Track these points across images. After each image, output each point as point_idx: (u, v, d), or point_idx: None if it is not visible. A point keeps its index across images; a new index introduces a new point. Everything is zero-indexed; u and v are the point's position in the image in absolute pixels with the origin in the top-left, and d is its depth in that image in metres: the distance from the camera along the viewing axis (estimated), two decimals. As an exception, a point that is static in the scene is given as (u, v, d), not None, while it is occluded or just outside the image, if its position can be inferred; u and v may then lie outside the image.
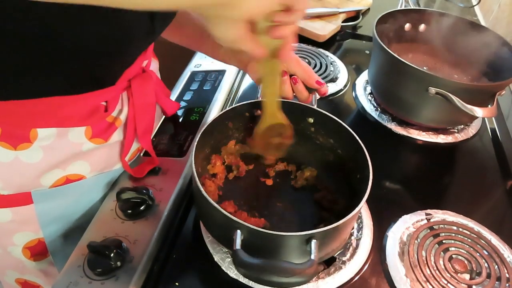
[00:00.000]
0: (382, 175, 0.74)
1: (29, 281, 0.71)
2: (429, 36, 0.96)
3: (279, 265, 0.46)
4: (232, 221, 0.49)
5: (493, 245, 0.64)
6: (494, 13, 1.19)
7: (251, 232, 0.49)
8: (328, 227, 0.50)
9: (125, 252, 0.56)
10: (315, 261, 0.47)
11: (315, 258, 0.47)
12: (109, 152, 0.64)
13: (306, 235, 0.49)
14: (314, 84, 0.69)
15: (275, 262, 0.47)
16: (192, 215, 0.66)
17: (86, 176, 0.63)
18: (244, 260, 0.46)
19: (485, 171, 0.81)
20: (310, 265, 0.46)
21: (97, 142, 0.61)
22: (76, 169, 0.61)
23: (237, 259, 0.46)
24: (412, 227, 0.66)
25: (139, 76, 0.64)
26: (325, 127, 0.68)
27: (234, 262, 0.46)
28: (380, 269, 0.61)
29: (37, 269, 0.68)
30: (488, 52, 0.87)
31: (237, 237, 0.48)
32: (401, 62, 0.77)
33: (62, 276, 0.54)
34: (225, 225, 0.51)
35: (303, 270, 0.45)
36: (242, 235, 0.49)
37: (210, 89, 0.87)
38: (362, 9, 1.21)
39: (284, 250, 0.51)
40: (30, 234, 0.64)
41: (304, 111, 0.68)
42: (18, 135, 0.55)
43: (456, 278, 0.59)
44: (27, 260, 0.67)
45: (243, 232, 0.49)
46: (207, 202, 0.51)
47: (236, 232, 0.49)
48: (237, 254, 0.46)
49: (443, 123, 0.86)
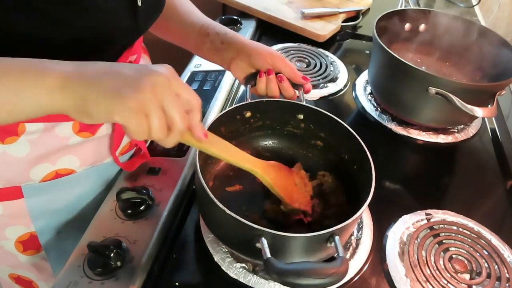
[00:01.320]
0: (382, 175, 0.74)
1: (22, 276, 0.71)
2: (429, 36, 0.96)
3: (314, 267, 0.45)
4: (254, 229, 0.48)
5: (493, 245, 0.64)
6: (494, 13, 1.19)
7: (274, 238, 0.48)
8: (348, 221, 0.50)
9: (125, 252, 0.56)
10: (345, 257, 0.47)
11: (343, 254, 0.47)
12: (98, 145, 0.64)
13: (328, 233, 0.49)
14: (300, 80, 0.68)
15: (309, 264, 0.46)
16: (192, 215, 0.66)
17: (76, 170, 0.63)
18: (280, 268, 0.45)
19: (485, 171, 0.81)
20: (342, 262, 0.46)
21: (84, 136, 0.61)
22: (65, 164, 0.61)
23: (271, 268, 0.45)
24: (412, 227, 0.66)
25: None
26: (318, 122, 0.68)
27: (268, 270, 0.45)
28: (380, 269, 0.61)
29: (30, 264, 0.69)
30: (488, 52, 0.87)
31: (264, 245, 0.47)
32: (401, 62, 0.77)
33: (62, 276, 0.54)
34: (244, 233, 0.50)
35: (337, 268, 0.45)
36: (267, 241, 0.48)
37: (210, 89, 0.87)
38: (362, 9, 1.21)
39: (305, 251, 0.52)
40: (22, 228, 0.64)
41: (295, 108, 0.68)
42: (6, 129, 0.55)
43: (456, 278, 0.59)
44: (20, 254, 0.67)
45: (267, 239, 0.48)
46: (224, 213, 0.49)
47: (261, 240, 0.48)
48: (270, 263, 0.45)
49: (443, 123, 0.86)
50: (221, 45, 0.70)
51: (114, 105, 0.40)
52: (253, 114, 0.68)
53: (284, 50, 1.04)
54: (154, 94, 0.41)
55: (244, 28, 1.09)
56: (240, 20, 1.09)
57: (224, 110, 0.64)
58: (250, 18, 1.13)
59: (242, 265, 0.58)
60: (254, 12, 1.13)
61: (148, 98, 0.40)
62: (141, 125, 0.41)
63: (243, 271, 0.57)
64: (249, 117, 0.67)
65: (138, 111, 0.40)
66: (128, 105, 0.40)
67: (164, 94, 0.41)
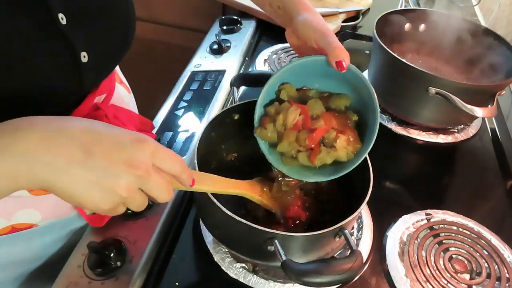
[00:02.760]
0: (382, 175, 0.74)
1: None
2: (429, 36, 0.95)
3: (332, 264, 0.45)
4: (266, 233, 0.48)
5: (493, 245, 0.64)
6: (494, 13, 1.19)
7: (285, 239, 0.48)
8: (354, 215, 0.50)
9: (125, 252, 0.56)
10: (358, 250, 0.47)
11: (356, 247, 0.47)
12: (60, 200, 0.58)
13: (337, 228, 0.49)
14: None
15: (326, 262, 0.46)
16: (192, 215, 0.66)
17: (37, 224, 0.58)
18: (300, 268, 0.45)
19: (485, 171, 0.81)
20: (357, 255, 0.46)
21: (41, 193, 0.55)
22: (23, 218, 0.56)
23: (290, 269, 0.45)
24: (412, 227, 0.66)
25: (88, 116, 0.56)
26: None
27: (286, 272, 0.45)
28: (380, 269, 0.61)
29: None
30: (488, 52, 0.87)
31: (278, 247, 0.47)
32: (401, 62, 0.77)
33: (62, 276, 0.54)
34: (255, 238, 0.49)
35: (353, 262, 0.45)
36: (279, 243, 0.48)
37: (210, 89, 0.87)
38: (362, 9, 1.21)
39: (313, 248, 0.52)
40: None
41: None
42: None
43: (456, 278, 0.59)
44: None
45: (278, 241, 0.48)
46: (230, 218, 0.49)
47: (275, 242, 0.48)
48: (288, 264, 0.45)
49: (443, 123, 0.86)
50: (278, 10, 0.64)
51: (84, 203, 0.37)
52: (242, 116, 0.65)
53: (284, 50, 1.04)
54: (128, 191, 0.37)
55: (244, 28, 1.09)
56: (240, 20, 1.10)
57: (213, 116, 0.62)
58: (250, 18, 1.13)
59: (242, 265, 0.58)
60: (254, 12, 1.13)
61: (122, 198, 0.37)
62: (117, 212, 0.39)
63: (243, 271, 0.57)
64: (238, 119, 0.65)
65: (110, 210, 0.38)
66: (100, 208, 0.37)
67: (141, 183, 0.38)
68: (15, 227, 0.56)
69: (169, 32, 1.57)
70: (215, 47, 0.99)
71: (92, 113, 0.57)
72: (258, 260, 0.56)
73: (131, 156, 0.37)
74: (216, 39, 0.99)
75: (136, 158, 0.37)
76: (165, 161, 0.39)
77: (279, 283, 0.57)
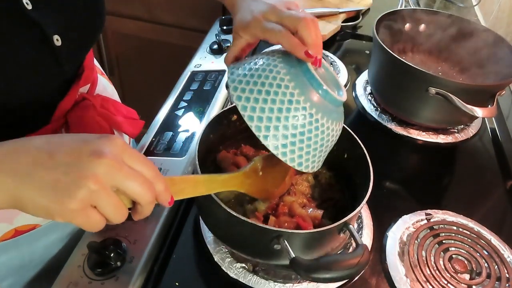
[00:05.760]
0: (382, 175, 0.74)
1: None
2: (429, 36, 0.96)
3: (340, 259, 0.45)
4: (272, 231, 0.48)
5: (493, 245, 0.64)
6: (494, 13, 1.19)
7: (292, 236, 0.48)
8: (357, 209, 0.50)
9: (125, 252, 0.56)
10: (365, 244, 0.47)
11: (362, 242, 0.48)
12: None
13: (342, 223, 0.49)
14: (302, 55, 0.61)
15: (334, 257, 0.46)
16: (192, 215, 0.66)
17: (40, 224, 0.58)
18: (309, 265, 0.45)
19: (485, 171, 0.81)
20: (364, 249, 0.46)
21: None
22: (26, 220, 0.56)
23: (299, 266, 0.45)
24: (412, 227, 0.66)
25: (76, 107, 0.57)
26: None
27: (296, 268, 0.45)
28: (380, 269, 0.61)
29: None
30: (488, 52, 0.87)
31: (287, 246, 0.47)
32: (401, 62, 0.77)
33: (62, 276, 0.54)
34: (261, 237, 0.50)
35: (360, 256, 0.45)
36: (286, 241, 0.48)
37: (210, 89, 0.87)
38: (362, 9, 1.21)
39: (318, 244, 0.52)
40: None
41: None
42: None
43: (456, 278, 0.59)
44: None
45: (285, 239, 0.48)
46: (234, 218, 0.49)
47: (282, 240, 0.48)
48: (298, 262, 0.45)
49: (443, 123, 0.86)
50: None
51: (52, 208, 0.34)
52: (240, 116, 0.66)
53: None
54: (98, 183, 0.34)
55: (244, 28, 1.09)
56: (240, 20, 1.09)
57: (211, 118, 0.62)
58: (250, 18, 1.13)
59: (242, 265, 0.58)
60: (254, 12, 1.13)
61: (91, 191, 0.34)
62: (91, 220, 0.35)
63: (243, 271, 0.57)
64: (236, 120, 0.65)
65: (82, 209, 0.34)
66: (69, 207, 0.33)
67: (112, 176, 0.35)
68: (18, 229, 0.57)
69: (169, 32, 1.57)
70: (215, 47, 0.99)
71: (79, 103, 0.57)
72: (263, 259, 0.56)
73: (98, 147, 0.35)
74: (216, 39, 1.00)
75: (104, 149, 0.35)
76: (136, 161, 0.37)
77: (279, 283, 0.57)
